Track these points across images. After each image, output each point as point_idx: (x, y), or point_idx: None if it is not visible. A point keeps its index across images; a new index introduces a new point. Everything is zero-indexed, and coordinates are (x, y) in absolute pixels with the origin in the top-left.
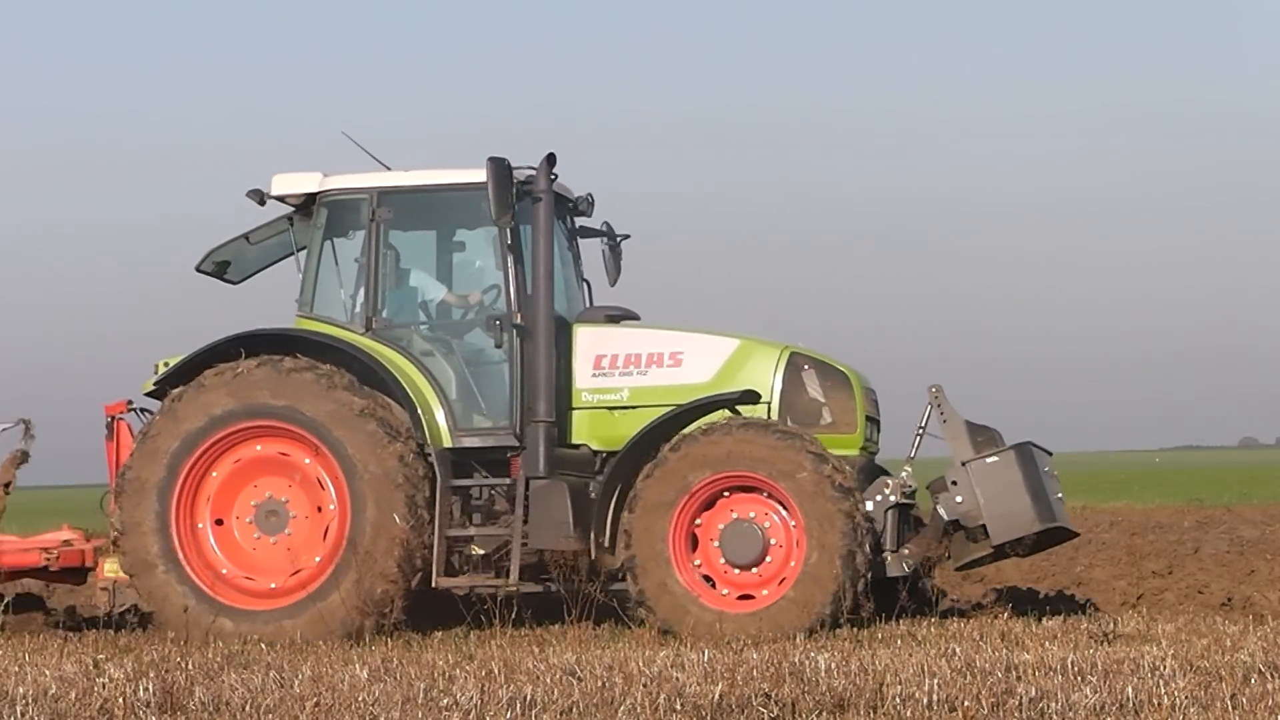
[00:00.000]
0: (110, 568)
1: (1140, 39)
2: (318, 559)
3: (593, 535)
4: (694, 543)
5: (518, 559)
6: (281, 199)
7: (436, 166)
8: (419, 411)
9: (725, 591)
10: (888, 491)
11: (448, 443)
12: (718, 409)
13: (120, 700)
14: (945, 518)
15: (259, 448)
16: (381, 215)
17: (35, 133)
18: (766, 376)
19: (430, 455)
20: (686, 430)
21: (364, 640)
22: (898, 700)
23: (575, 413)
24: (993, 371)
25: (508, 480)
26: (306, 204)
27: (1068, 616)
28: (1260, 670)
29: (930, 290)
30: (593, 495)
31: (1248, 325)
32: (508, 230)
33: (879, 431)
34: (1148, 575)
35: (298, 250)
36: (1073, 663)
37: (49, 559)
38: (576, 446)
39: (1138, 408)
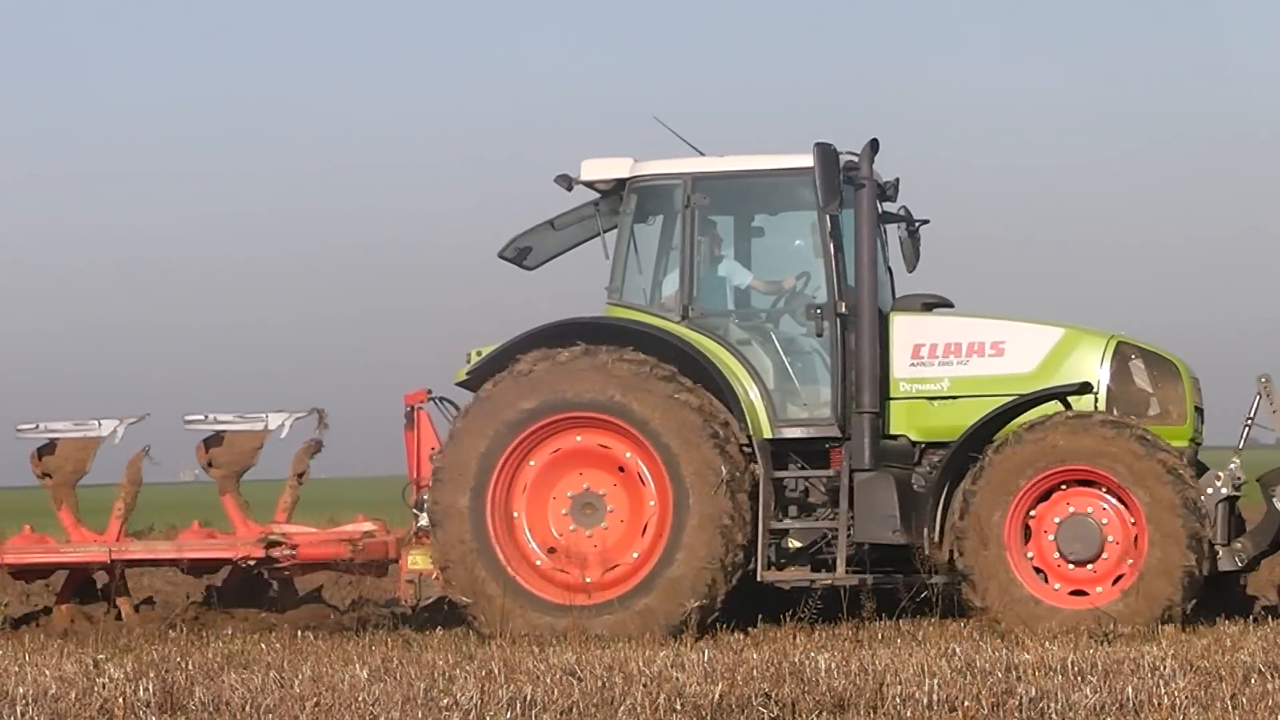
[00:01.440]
0: (414, 560)
1: None
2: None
3: (925, 528)
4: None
5: (844, 552)
6: (590, 184)
7: (746, 152)
8: (740, 403)
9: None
10: (1219, 484)
11: (768, 434)
12: (1052, 400)
13: (120, 700)
14: None
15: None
16: (697, 201)
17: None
18: (1093, 367)
19: (752, 448)
20: (1018, 420)
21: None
22: (898, 700)
23: (893, 403)
24: None
25: (829, 472)
26: (615, 189)
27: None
28: (1260, 670)
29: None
30: (915, 487)
31: (1249, 322)
32: (827, 217)
33: (1203, 421)
34: None
35: (604, 233)
36: (1073, 663)
37: (354, 551)
38: (895, 437)
39: None
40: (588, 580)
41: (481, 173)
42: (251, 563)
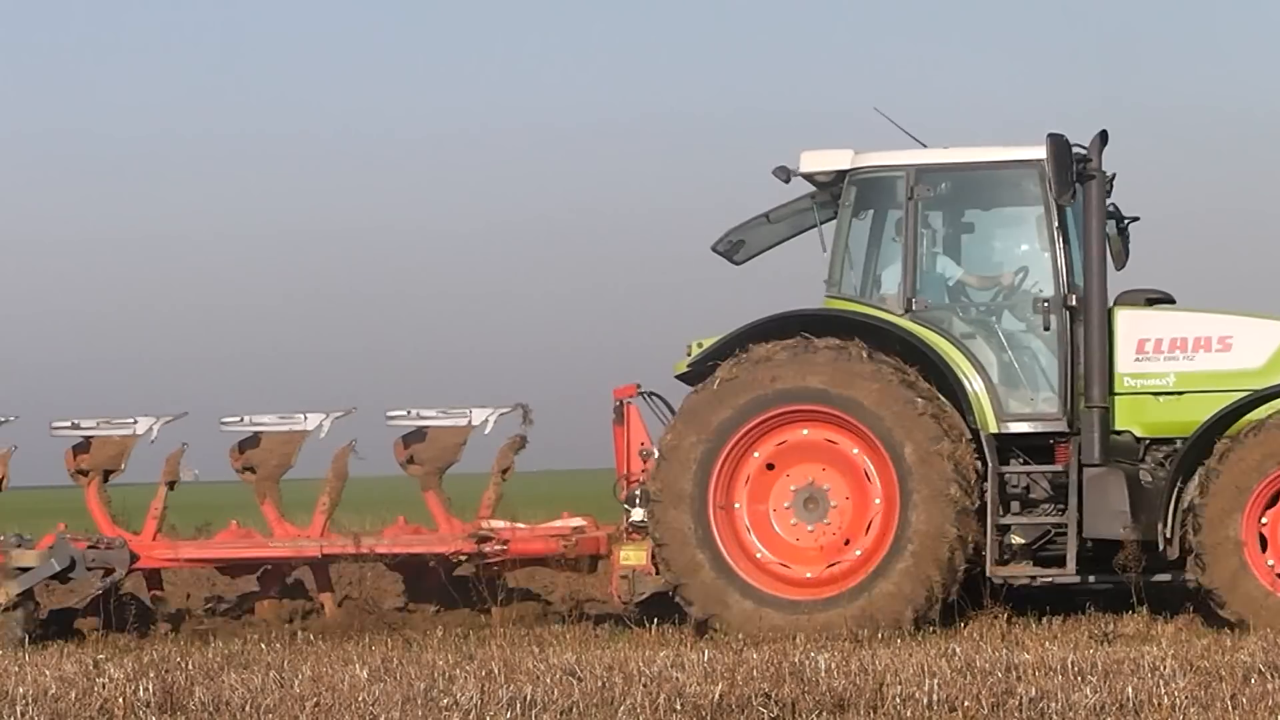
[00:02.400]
0: (626, 555)
1: None
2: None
3: (1159, 525)
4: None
5: (1074, 548)
6: (809, 177)
7: (968, 144)
8: (967, 397)
9: None
10: None
11: (994, 429)
12: None
13: (120, 700)
14: None
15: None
16: (920, 193)
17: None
18: None
19: (978, 442)
20: (1251, 416)
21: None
22: (898, 700)
23: (1117, 398)
24: None
25: (1056, 467)
26: (834, 181)
27: (1068, 617)
28: (1260, 670)
29: None
30: (1143, 483)
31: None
32: (1055, 209)
33: None
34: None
35: (821, 224)
36: (1073, 663)
37: (567, 547)
38: (1119, 433)
39: None
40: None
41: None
42: (463, 559)
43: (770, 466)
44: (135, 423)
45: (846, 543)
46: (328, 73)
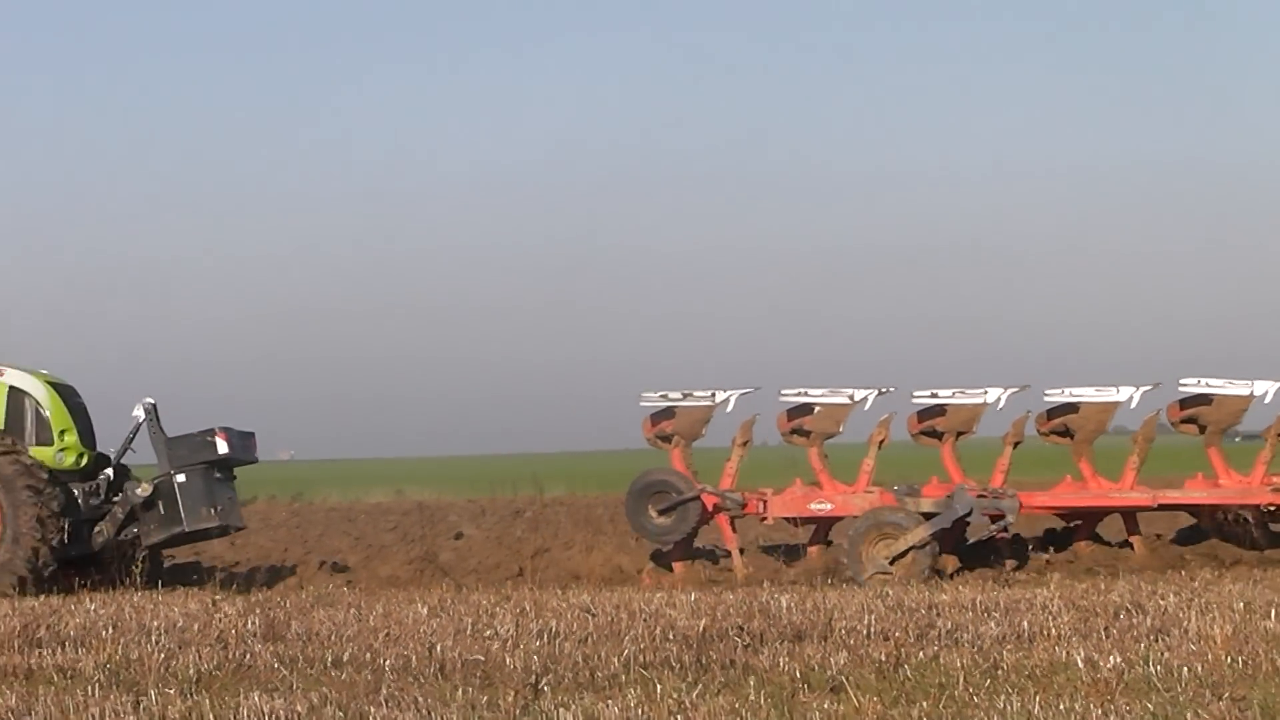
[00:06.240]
0: None
1: None
2: None
3: None
4: None
5: None
6: None
7: None
8: None
9: None
10: None
11: None
12: None
13: (233, 631)
14: None
15: None
16: None
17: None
18: None
19: None
20: None
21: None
22: (843, 631)
23: None
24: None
25: None
26: None
27: (976, 567)
28: (1128, 607)
29: None
30: None
31: (1246, 329)
32: None
33: None
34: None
35: None
36: (980, 602)
37: None
38: None
39: None
40: None
41: None
42: (1273, 508)
43: None
44: (985, 393)
45: None
46: None
